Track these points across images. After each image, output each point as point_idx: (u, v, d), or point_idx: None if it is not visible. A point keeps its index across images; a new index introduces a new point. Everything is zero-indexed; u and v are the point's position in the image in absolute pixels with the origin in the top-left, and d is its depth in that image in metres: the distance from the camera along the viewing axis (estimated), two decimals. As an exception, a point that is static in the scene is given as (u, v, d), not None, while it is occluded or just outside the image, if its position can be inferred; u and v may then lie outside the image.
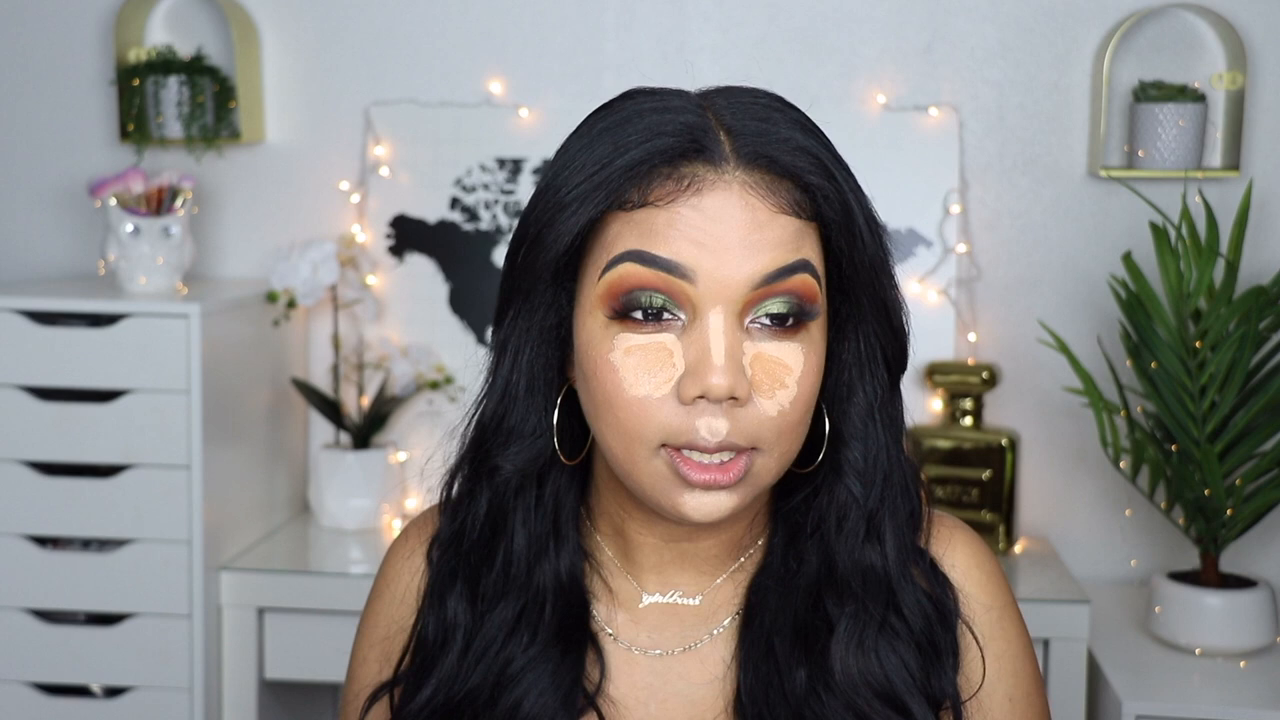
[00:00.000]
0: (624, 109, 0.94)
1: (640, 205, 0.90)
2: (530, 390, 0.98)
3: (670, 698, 1.00)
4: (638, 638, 1.02)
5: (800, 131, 0.93)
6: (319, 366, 2.53)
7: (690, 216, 0.89)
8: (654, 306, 0.90)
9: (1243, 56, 2.29)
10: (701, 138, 0.90)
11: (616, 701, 1.00)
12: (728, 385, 0.88)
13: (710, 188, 0.89)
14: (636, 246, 0.89)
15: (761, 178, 0.90)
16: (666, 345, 0.90)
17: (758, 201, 0.89)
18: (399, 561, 1.10)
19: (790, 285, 0.90)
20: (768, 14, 2.43)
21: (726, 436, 0.89)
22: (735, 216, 0.89)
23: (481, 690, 0.99)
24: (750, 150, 0.91)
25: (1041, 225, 2.42)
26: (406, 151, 2.49)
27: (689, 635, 1.02)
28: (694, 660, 1.01)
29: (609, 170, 0.90)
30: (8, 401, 2.13)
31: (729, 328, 0.89)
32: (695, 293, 0.89)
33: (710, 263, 0.88)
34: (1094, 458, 2.38)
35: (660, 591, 1.02)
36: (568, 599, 1.01)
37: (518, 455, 0.99)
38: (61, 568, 2.16)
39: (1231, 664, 2.08)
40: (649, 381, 0.90)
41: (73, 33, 2.53)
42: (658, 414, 0.90)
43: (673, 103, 0.93)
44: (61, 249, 2.58)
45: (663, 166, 0.90)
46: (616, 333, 0.91)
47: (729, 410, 0.89)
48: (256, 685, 2.20)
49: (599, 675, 1.00)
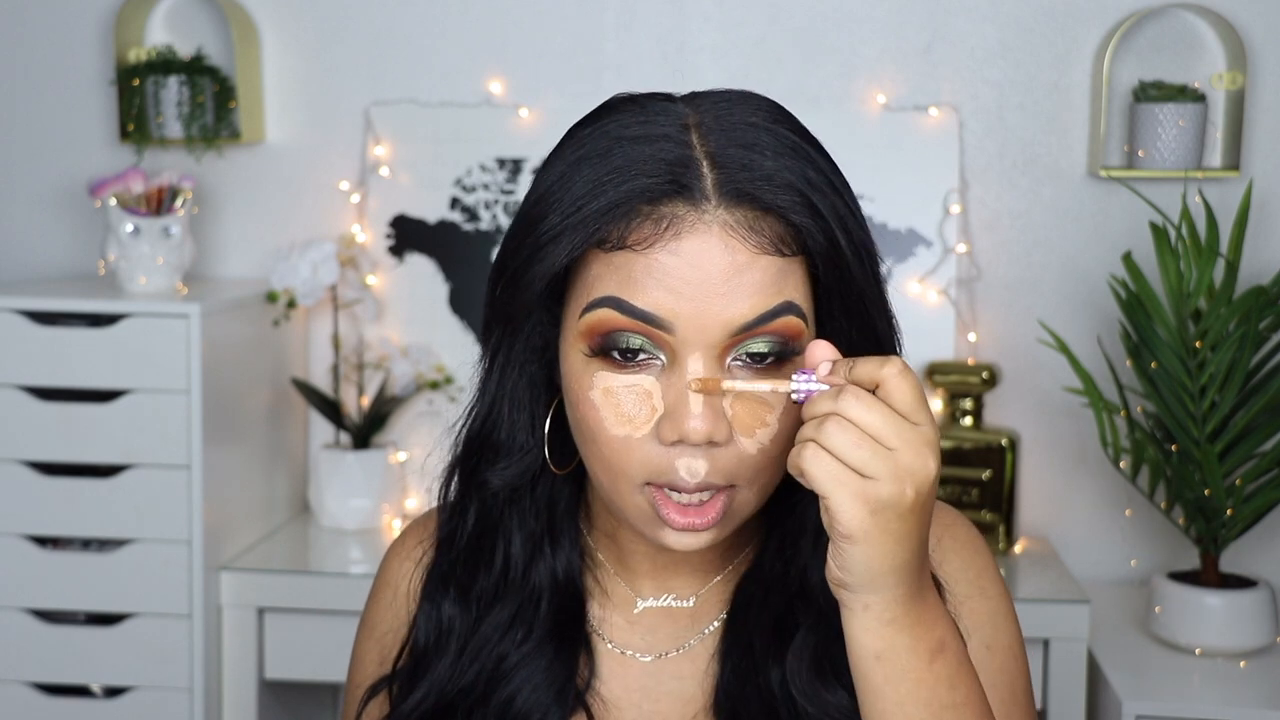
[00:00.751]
0: (605, 131, 0.90)
1: (619, 248, 0.88)
2: (517, 406, 0.98)
3: (663, 698, 1.01)
4: (632, 640, 1.03)
5: (790, 157, 0.89)
6: (319, 366, 2.53)
7: (668, 263, 0.86)
8: (632, 348, 0.89)
9: (1243, 56, 2.29)
10: (682, 175, 0.87)
11: (608, 701, 1.01)
12: (705, 432, 0.87)
13: (690, 230, 0.87)
14: (614, 293, 0.88)
15: (744, 216, 0.87)
16: (645, 387, 0.89)
17: (739, 243, 0.87)
18: (397, 561, 1.11)
19: (772, 328, 0.88)
20: (768, 14, 2.43)
21: (705, 477, 0.89)
22: (715, 261, 0.86)
23: (475, 686, 1.00)
24: (733, 188, 0.87)
25: (1041, 225, 2.42)
26: (406, 151, 2.49)
27: (681, 636, 1.02)
28: (686, 661, 1.02)
29: (585, 213, 0.88)
30: (8, 401, 2.13)
31: (708, 371, 0.88)
32: (673, 340, 0.88)
33: (688, 311, 0.87)
34: (1094, 458, 2.38)
35: (655, 595, 1.03)
36: (564, 596, 1.01)
37: (506, 470, 0.99)
38: (61, 568, 2.16)
39: (1231, 664, 2.08)
40: (628, 423, 0.89)
41: (73, 33, 2.53)
42: (638, 453, 0.89)
43: (656, 128, 0.89)
44: (61, 249, 2.58)
45: (642, 205, 0.87)
46: (596, 370, 0.90)
47: (708, 451, 0.89)
48: (256, 685, 2.20)
49: (590, 675, 1.01)
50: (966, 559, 1.03)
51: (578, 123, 0.94)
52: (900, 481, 0.81)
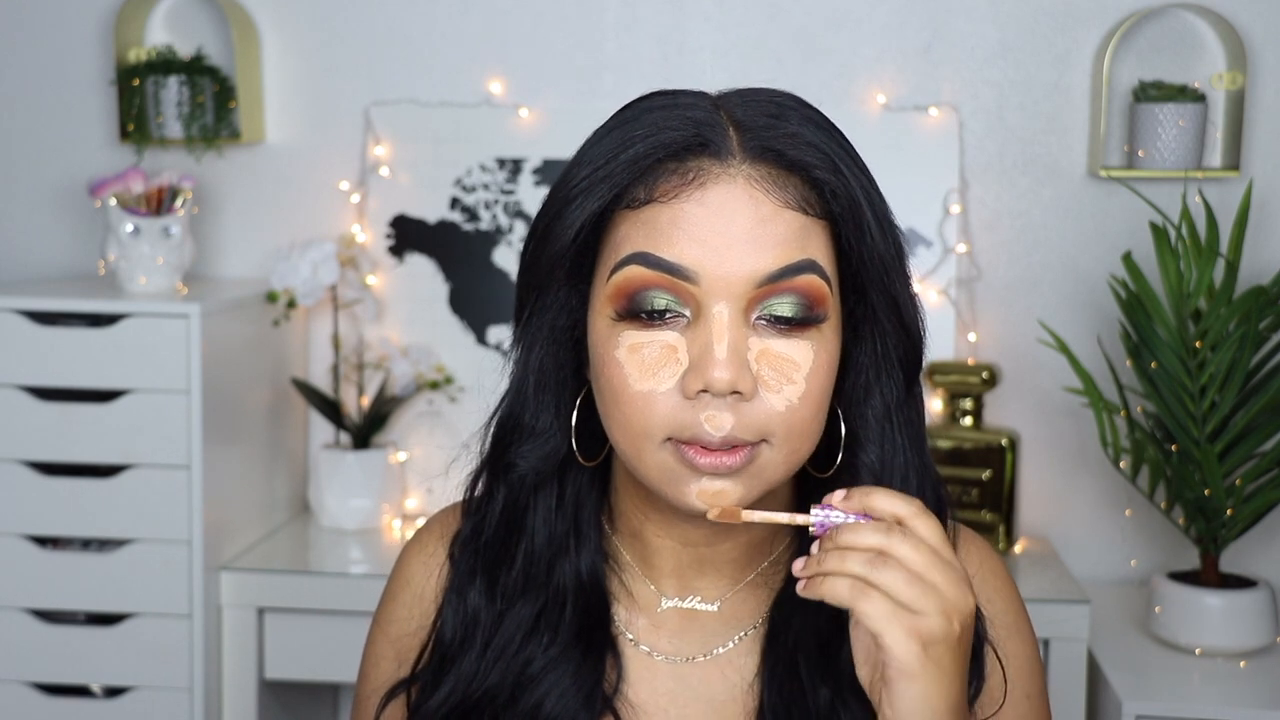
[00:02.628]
0: (637, 107, 0.94)
1: (646, 202, 0.90)
2: (542, 388, 0.98)
3: (691, 704, 1.00)
4: (658, 643, 1.02)
5: (812, 128, 0.92)
6: (319, 366, 2.53)
7: (694, 212, 0.89)
8: (658, 309, 0.90)
9: (1243, 56, 2.29)
10: (707, 132, 0.90)
11: (637, 706, 1.00)
12: (730, 379, 0.87)
13: (715, 181, 0.89)
14: (642, 248, 0.90)
15: (768, 171, 0.90)
16: (670, 342, 0.90)
17: (763, 196, 0.89)
18: (419, 562, 1.10)
19: (795, 285, 0.89)
20: (768, 14, 2.43)
21: (731, 431, 0.89)
22: (740, 210, 0.89)
23: (501, 689, 0.99)
24: (757, 144, 0.90)
25: (1041, 225, 2.42)
26: (406, 151, 2.49)
27: (709, 642, 1.02)
28: (714, 668, 1.01)
29: (613, 164, 0.91)
30: (8, 401, 2.13)
31: (733, 322, 0.89)
32: (699, 291, 0.89)
33: (713, 260, 0.88)
34: (1094, 458, 2.38)
35: (679, 596, 1.02)
36: (588, 599, 1.01)
37: (531, 453, 0.99)
38: (61, 568, 2.16)
39: (1231, 664, 2.08)
40: (653, 377, 0.90)
41: (73, 33, 2.53)
42: (662, 408, 0.89)
43: (684, 100, 0.93)
44: (61, 249, 2.58)
45: (668, 161, 0.90)
46: (622, 330, 0.91)
47: (734, 405, 0.89)
48: (256, 685, 2.20)
49: (618, 679, 1.00)
50: (1007, 601, 1.04)
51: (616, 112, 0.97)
52: (948, 616, 0.84)
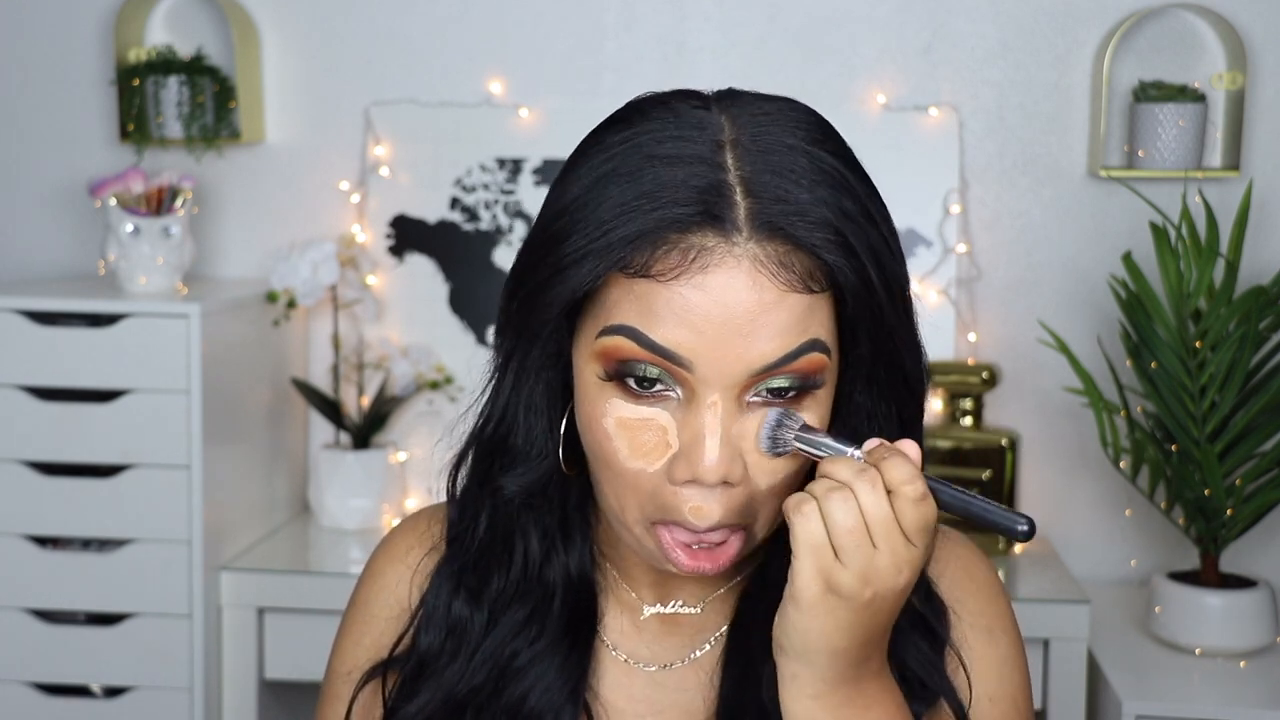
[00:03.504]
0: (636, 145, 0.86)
1: (641, 275, 0.84)
2: (534, 413, 0.96)
3: (668, 709, 1.00)
4: (637, 650, 1.01)
5: (827, 186, 0.85)
6: (319, 366, 2.53)
7: (692, 298, 0.83)
8: (648, 377, 0.86)
9: (1243, 56, 2.29)
10: (714, 204, 0.83)
11: (620, 709, 1.00)
12: (721, 472, 0.85)
13: (718, 264, 0.83)
14: (633, 324, 0.84)
15: (775, 250, 0.84)
16: (660, 422, 0.87)
17: (767, 280, 0.83)
18: (388, 561, 1.08)
19: (795, 367, 0.85)
20: (768, 14, 2.43)
21: (719, 521, 0.87)
22: (740, 299, 0.83)
23: (485, 685, 0.98)
24: (766, 221, 0.83)
25: (1041, 225, 2.42)
26: (406, 151, 2.49)
27: (688, 645, 1.01)
28: (689, 672, 1.00)
29: (610, 239, 0.84)
30: (8, 401, 2.13)
31: (726, 413, 0.85)
32: (692, 378, 0.85)
33: (709, 351, 0.83)
34: (1094, 458, 2.38)
35: (661, 602, 1.01)
36: (577, 594, 1.00)
37: (523, 477, 0.97)
38: (61, 568, 2.16)
39: (1231, 664, 2.08)
40: (643, 458, 0.87)
41: (73, 33, 2.53)
42: (648, 487, 0.88)
43: (688, 146, 0.85)
44: (61, 249, 2.58)
45: (671, 234, 0.84)
46: (610, 396, 0.87)
47: (721, 491, 0.87)
48: (256, 685, 2.20)
49: (597, 683, 1.00)
50: (982, 603, 1.01)
51: (604, 124, 0.91)
52: (865, 581, 0.82)
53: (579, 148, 0.91)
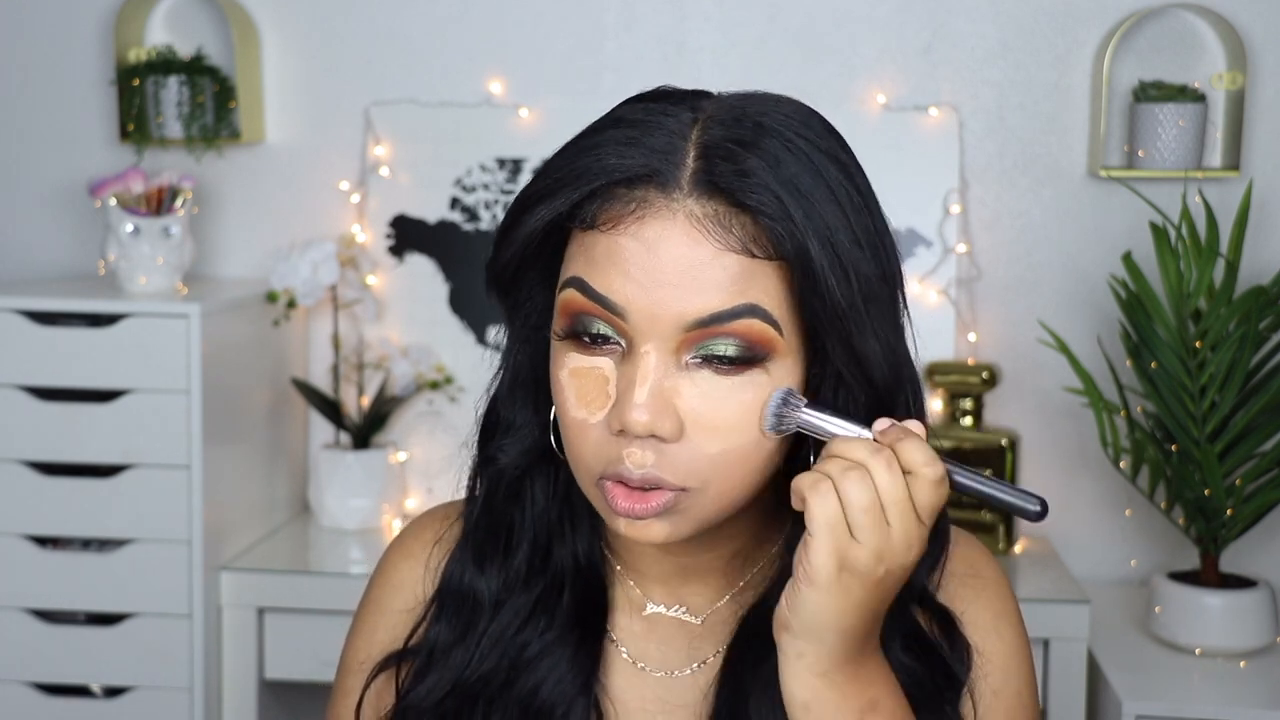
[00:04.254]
0: (617, 113, 0.90)
1: (590, 226, 0.87)
2: (518, 384, 0.98)
3: (677, 709, 1.00)
4: (645, 652, 1.01)
5: (790, 161, 0.85)
6: (319, 366, 2.53)
7: (629, 246, 0.85)
8: (598, 333, 0.88)
9: (1243, 56, 2.29)
10: (658, 161, 0.86)
11: (628, 707, 1.00)
12: (647, 422, 0.85)
13: (655, 216, 0.85)
14: (580, 274, 0.88)
15: (714, 210, 0.85)
16: (604, 372, 0.88)
17: (701, 236, 0.85)
18: (401, 558, 1.09)
19: (732, 329, 0.85)
20: (768, 14, 2.43)
21: (651, 470, 0.87)
22: (674, 252, 0.85)
23: (496, 674, 0.99)
24: (707, 180, 0.85)
25: (1041, 225, 2.42)
26: (406, 151, 2.49)
27: (694, 654, 1.01)
28: (693, 681, 1.00)
29: (559, 183, 0.88)
30: (8, 401, 2.13)
31: (660, 363, 0.86)
32: (628, 327, 0.86)
33: (642, 300, 0.85)
34: (1094, 458, 2.38)
35: (665, 603, 1.01)
36: (586, 583, 1.01)
37: (511, 447, 0.99)
38: (61, 568, 2.16)
39: (1231, 664, 2.08)
40: (586, 406, 0.89)
41: (73, 33, 2.53)
42: (593, 438, 0.89)
43: (661, 117, 0.88)
44: (61, 249, 2.58)
45: (616, 187, 0.86)
46: (567, 351, 0.90)
47: (658, 445, 0.87)
48: (256, 685, 2.20)
49: (607, 681, 1.00)
50: (987, 601, 1.02)
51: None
52: (880, 558, 0.84)
53: None
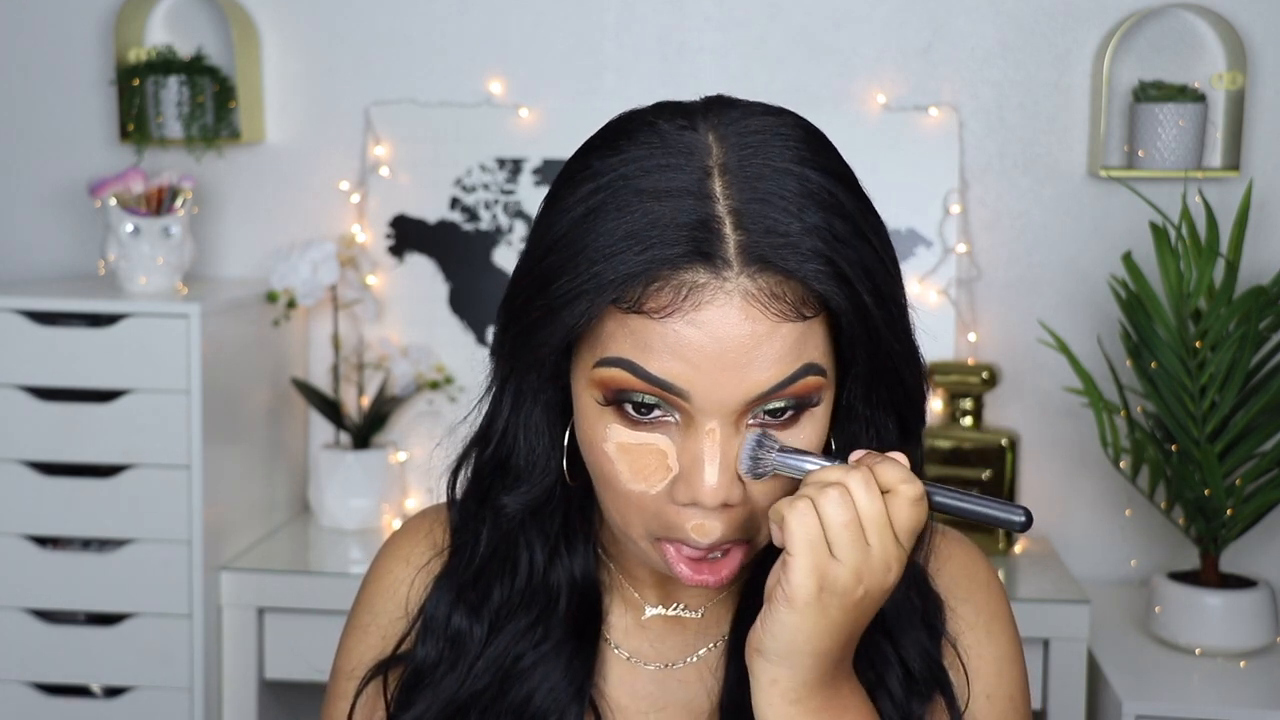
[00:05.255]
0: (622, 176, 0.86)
1: (635, 311, 0.84)
2: (534, 434, 0.97)
3: (670, 705, 1.00)
4: (641, 649, 1.02)
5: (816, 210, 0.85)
6: (319, 366, 2.53)
7: (685, 334, 0.83)
8: (646, 404, 0.87)
9: (1243, 56, 2.29)
10: (704, 241, 0.83)
11: (624, 707, 1.00)
12: (721, 498, 0.86)
13: (710, 300, 0.83)
14: (629, 356, 0.85)
15: (766, 283, 0.84)
16: (660, 446, 0.88)
17: (759, 312, 0.84)
18: (394, 562, 1.09)
19: (790, 391, 0.86)
20: (768, 14, 2.43)
21: (720, 538, 0.88)
22: (734, 333, 0.83)
23: (489, 687, 0.99)
24: (756, 254, 0.83)
25: (1041, 225, 2.42)
26: (406, 151, 2.49)
27: (691, 646, 1.02)
28: (693, 671, 1.01)
29: (601, 279, 0.84)
30: (8, 401, 2.13)
31: (724, 438, 0.86)
32: (689, 406, 0.86)
33: (705, 383, 0.84)
34: (1094, 458, 2.38)
35: (663, 604, 1.02)
36: (582, 595, 1.01)
37: (525, 495, 0.98)
38: (61, 568, 2.16)
39: (1231, 664, 2.08)
40: (644, 480, 0.88)
41: (73, 33, 2.53)
42: (652, 508, 0.89)
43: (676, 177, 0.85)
44: (61, 249, 2.58)
45: (662, 271, 0.84)
46: (610, 421, 0.88)
47: (725, 509, 0.88)
48: (256, 685, 2.20)
49: (602, 681, 1.01)
50: (980, 602, 1.02)
51: (590, 147, 0.90)
52: (859, 578, 0.83)
53: (565, 172, 0.91)
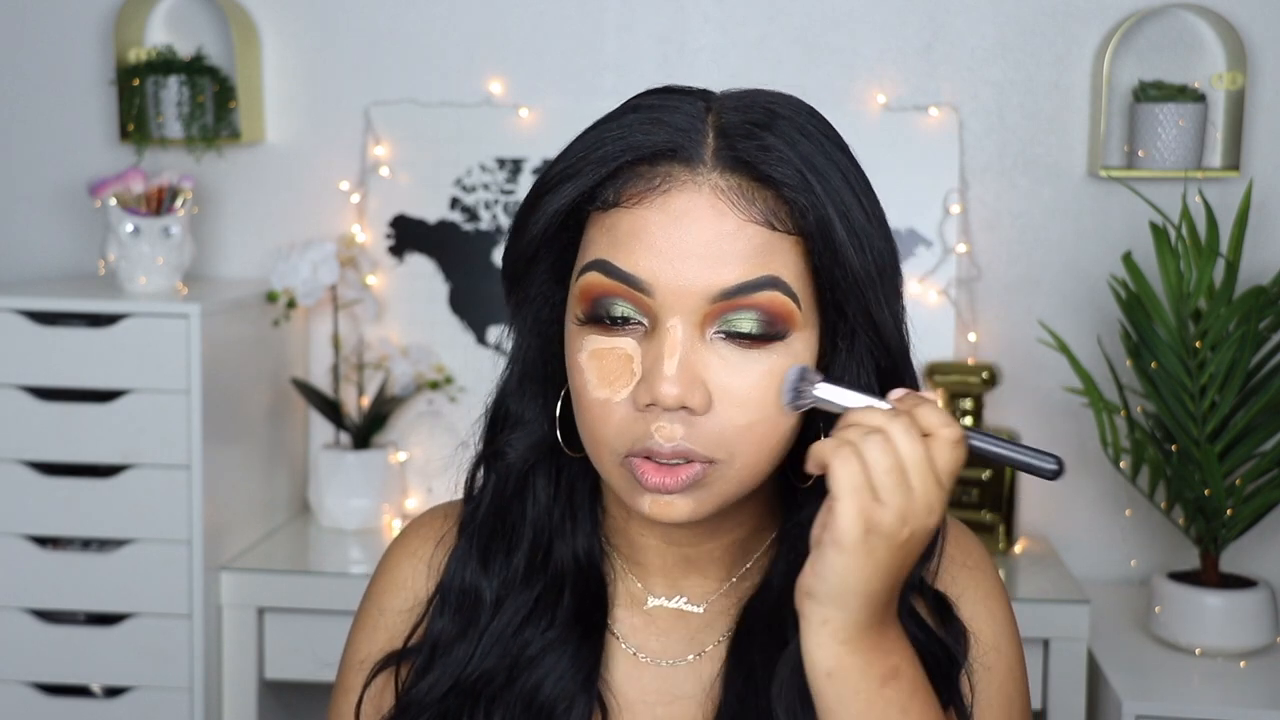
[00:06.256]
0: (629, 105, 0.93)
1: (613, 205, 0.89)
2: (527, 378, 1.00)
3: (677, 700, 1.01)
4: (647, 644, 1.02)
5: (802, 139, 0.89)
6: (319, 366, 2.53)
7: (654, 220, 0.87)
8: (619, 316, 0.89)
9: (1243, 56, 2.29)
10: (681, 137, 0.89)
11: (631, 702, 1.01)
12: (678, 394, 0.87)
13: (680, 189, 0.88)
14: (603, 255, 0.89)
15: (738, 183, 0.88)
16: (627, 351, 0.90)
17: (727, 208, 0.87)
18: (404, 557, 1.09)
19: (755, 301, 0.88)
20: (768, 14, 2.43)
21: (681, 442, 0.89)
22: (700, 223, 0.87)
23: (497, 672, 1.00)
24: (730, 154, 0.88)
25: (1041, 225, 2.42)
26: (406, 151, 2.49)
27: (695, 643, 1.02)
28: (697, 668, 1.01)
29: (583, 162, 0.90)
30: (8, 401, 2.13)
31: (687, 336, 0.88)
32: (654, 303, 0.88)
33: (668, 272, 0.87)
34: (1094, 458, 2.38)
35: (666, 595, 1.02)
36: (586, 582, 1.01)
37: (519, 441, 1.00)
38: (61, 568, 2.16)
39: (1231, 664, 2.08)
40: (609, 386, 0.90)
41: (73, 33, 2.53)
42: (617, 418, 0.90)
43: (674, 102, 0.91)
44: (61, 249, 2.58)
45: (639, 164, 0.89)
46: (586, 335, 0.91)
47: (686, 418, 0.88)
48: (256, 685, 2.20)
49: (608, 674, 1.01)
50: (977, 583, 1.03)
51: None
52: (904, 520, 0.84)
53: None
